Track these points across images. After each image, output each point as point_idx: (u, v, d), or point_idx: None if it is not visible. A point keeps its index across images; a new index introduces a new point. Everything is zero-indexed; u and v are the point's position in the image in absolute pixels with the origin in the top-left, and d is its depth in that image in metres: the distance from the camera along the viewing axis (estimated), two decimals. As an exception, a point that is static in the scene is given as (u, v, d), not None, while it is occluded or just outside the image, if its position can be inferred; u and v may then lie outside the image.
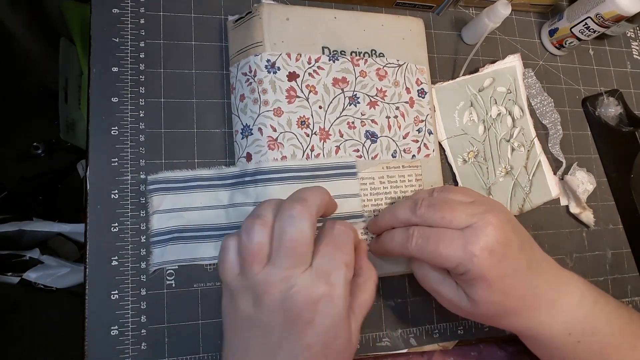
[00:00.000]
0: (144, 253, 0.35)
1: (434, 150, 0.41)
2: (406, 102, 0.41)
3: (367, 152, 0.39)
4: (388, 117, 0.40)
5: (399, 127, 0.40)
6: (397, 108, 0.40)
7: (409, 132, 0.41)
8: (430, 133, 0.41)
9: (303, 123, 0.37)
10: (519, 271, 0.31)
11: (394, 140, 0.40)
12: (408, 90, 0.41)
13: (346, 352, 0.28)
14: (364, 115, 0.39)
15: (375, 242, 0.36)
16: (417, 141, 0.41)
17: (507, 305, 0.31)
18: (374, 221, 0.36)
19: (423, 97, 0.42)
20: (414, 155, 0.40)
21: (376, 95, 0.40)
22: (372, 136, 0.39)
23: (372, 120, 0.39)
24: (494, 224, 0.30)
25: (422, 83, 0.42)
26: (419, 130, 0.41)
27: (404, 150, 0.40)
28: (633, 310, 0.35)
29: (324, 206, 0.30)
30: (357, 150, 0.39)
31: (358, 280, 0.31)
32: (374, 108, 0.40)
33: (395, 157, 0.40)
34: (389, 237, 0.33)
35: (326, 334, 0.27)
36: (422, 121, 0.41)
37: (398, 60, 0.41)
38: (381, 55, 0.41)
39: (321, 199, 0.30)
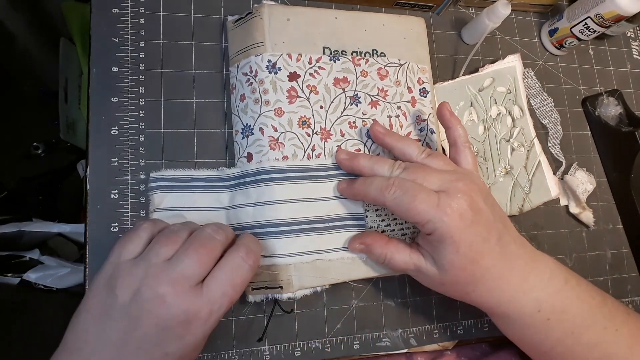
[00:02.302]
0: (144, 253, 0.35)
1: (436, 150, 0.41)
2: (408, 102, 0.41)
3: (369, 152, 0.39)
4: (389, 117, 0.40)
5: (401, 127, 0.40)
6: (399, 107, 0.40)
7: (410, 132, 0.41)
8: (432, 132, 0.41)
9: (304, 123, 0.37)
10: (488, 241, 0.31)
11: None
12: (410, 90, 0.41)
13: None
14: (365, 114, 0.39)
15: (350, 183, 0.36)
16: (419, 140, 0.41)
17: (475, 274, 0.32)
18: (353, 160, 0.36)
19: (425, 97, 0.42)
20: None
21: (377, 94, 0.40)
22: None
23: (374, 120, 0.39)
24: (464, 192, 0.31)
25: (423, 82, 0.42)
26: (420, 130, 0.41)
27: None
28: (607, 294, 0.35)
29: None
30: (359, 150, 0.39)
31: None
32: (375, 107, 0.40)
33: None
34: (367, 182, 0.34)
35: (188, 348, 0.28)
36: (424, 120, 0.41)
37: (399, 60, 0.41)
38: (382, 54, 0.41)
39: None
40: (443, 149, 0.43)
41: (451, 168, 0.34)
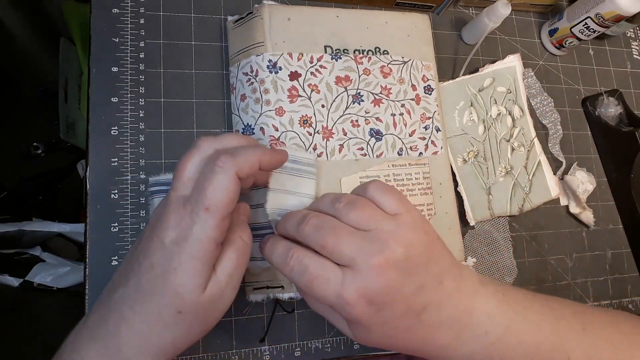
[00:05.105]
0: (145, 253, 0.35)
1: (442, 148, 0.41)
2: (412, 100, 0.41)
3: (372, 150, 0.39)
4: (393, 115, 0.40)
5: (405, 125, 0.40)
6: (403, 105, 0.40)
7: (415, 130, 0.40)
8: (437, 130, 0.41)
9: (305, 122, 0.37)
10: (408, 315, 0.27)
11: (399, 138, 0.40)
12: (414, 88, 0.41)
13: (191, 299, 0.26)
14: (368, 113, 0.39)
15: (263, 243, 0.31)
16: (424, 139, 0.41)
17: (394, 345, 0.29)
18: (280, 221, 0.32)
19: (430, 94, 0.42)
20: (421, 153, 0.40)
21: (380, 93, 0.40)
22: (376, 134, 0.39)
23: (377, 118, 0.39)
24: (378, 269, 0.26)
25: (428, 80, 0.42)
26: (425, 128, 0.41)
27: (411, 148, 0.40)
28: (563, 316, 0.31)
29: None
30: (362, 149, 0.38)
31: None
32: (379, 106, 0.40)
33: (401, 154, 0.40)
34: (270, 249, 0.29)
35: (165, 263, 0.25)
36: (429, 118, 0.41)
37: (403, 57, 0.41)
38: (385, 52, 0.41)
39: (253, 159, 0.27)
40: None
41: (373, 225, 0.27)
